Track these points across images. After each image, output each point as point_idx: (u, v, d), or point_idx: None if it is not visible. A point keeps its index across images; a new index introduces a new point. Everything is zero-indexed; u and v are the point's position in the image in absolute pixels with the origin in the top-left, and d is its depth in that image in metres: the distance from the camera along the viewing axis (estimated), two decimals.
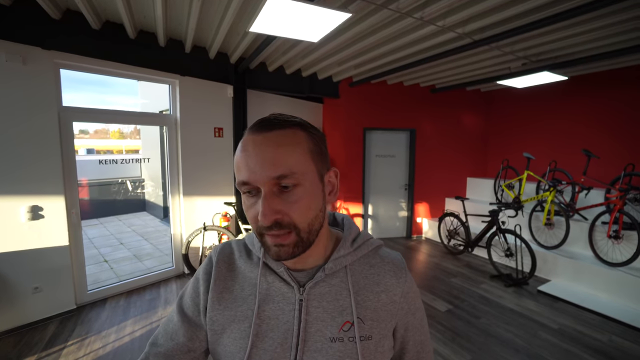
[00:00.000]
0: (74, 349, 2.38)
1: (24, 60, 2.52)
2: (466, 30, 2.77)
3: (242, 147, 0.50)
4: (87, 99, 18.66)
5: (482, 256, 4.44)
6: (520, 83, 3.80)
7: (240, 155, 0.49)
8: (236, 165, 0.50)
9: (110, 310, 2.95)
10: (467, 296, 3.29)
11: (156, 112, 5.91)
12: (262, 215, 0.46)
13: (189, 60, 3.49)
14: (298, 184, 0.48)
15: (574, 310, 2.99)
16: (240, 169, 0.49)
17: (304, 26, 2.19)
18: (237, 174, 0.50)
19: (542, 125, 4.91)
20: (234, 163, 0.51)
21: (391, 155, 5.33)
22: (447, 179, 5.53)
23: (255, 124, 0.51)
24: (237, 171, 0.50)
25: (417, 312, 0.62)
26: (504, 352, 2.37)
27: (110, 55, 2.97)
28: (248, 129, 0.51)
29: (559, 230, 3.74)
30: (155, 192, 7.58)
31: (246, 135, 0.51)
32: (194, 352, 0.58)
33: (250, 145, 0.49)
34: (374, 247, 0.63)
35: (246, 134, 0.51)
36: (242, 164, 0.48)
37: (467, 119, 5.61)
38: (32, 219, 2.64)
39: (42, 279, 2.70)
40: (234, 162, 0.51)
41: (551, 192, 3.78)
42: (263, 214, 0.46)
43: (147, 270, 4.06)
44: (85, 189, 7.76)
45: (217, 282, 0.59)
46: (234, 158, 0.52)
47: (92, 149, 12.67)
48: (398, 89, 5.08)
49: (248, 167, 0.48)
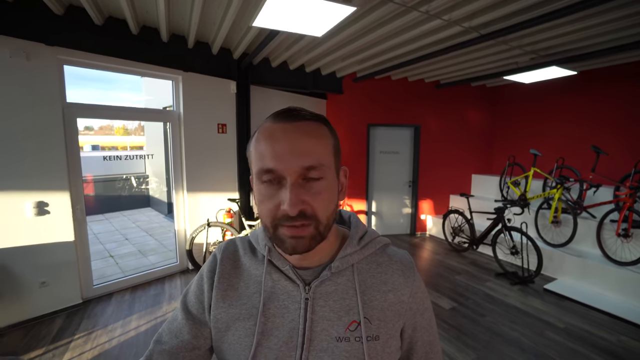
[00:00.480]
0: (81, 342, 2.41)
1: (28, 56, 2.53)
2: (473, 24, 2.72)
3: (267, 134, 0.48)
4: (92, 95, 18.78)
5: (487, 254, 4.41)
6: (527, 78, 3.74)
7: (266, 142, 0.48)
8: (257, 153, 0.49)
9: (116, 304, 2.97)
10: (472, 294, 3.26)
11: (160, 108, 5.93)
12: (290, 205, 0.45)
13: (191, 55, 3.48)
14: (323, 176, 0.48)
15: (582, 310, 2.95)
16: (264, 156, 0.47)
17: (308, 20, 2.16)
18: (259, 161, 0.48)
19: (550, 121, 4.83)
20: (253, 151, 0.50)
21: (395, 152, 5.29)
22: (451, 175, 5.48)
23: (281, 112, 0.50)
24: (258, 159, 0.48)
25: (426, 312, 0.61)
26: (509, 351, 2.35)
27: (113, 51, 2.97)
28: (272, 117, 0.50)
29: (566, 228, 3.69)
30: (159, 188, 7.62)
31: (271, 123, 0.49)
32: (199, 350, 0.58)
33: (279, 133, 0.47)
34: (381, 246, 0.61)
35: (270, 121, 0.50)
36: (268, 151, 0.47)
37: (472, 114, 5.53)
38: (37, 215, 2.65)
39: (48, 274, 2.73)
40: (253, 150, 0.50)
41: (558, 189, 3.72)
42: (291, 202, 0.45)
43: (151, 265, 4.08)
44: (90, 184, 7.83)
45: (221, 280, 0.58)
46: (251, 146, 0.51)
47: (97, 146, 12.77)
48: (402, 85, 5.02)
49: (275, 155, 0.46)
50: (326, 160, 0.49)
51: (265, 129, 0.49)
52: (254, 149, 0.50)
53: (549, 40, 3.18)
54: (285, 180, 0.47)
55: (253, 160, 0.50)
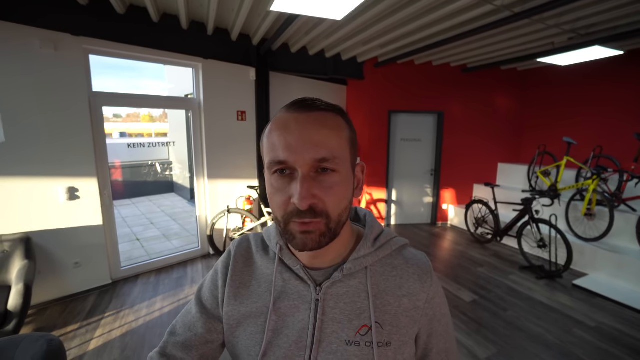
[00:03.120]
0: (111, 320, 2.56)
1: (56, 46, 2.60)
2: (505, 3, 2.52)
3: (280, 125, 0.47)
4: (119, 84, 19.40)
5: (511, 246, 4.24)
6: (565, 60, 3.44)
7: (278, 133, 0.46)
8: (269, 144, 0.47)
9: (142, 286, 3.13)
10: (494, 287, 3.16)
11: (182, 96, 6.02)
12: (300, 198, 0.43)
13: (211, 42, 3.47)
14: (336, 170, 0.46)
15: (614, 308, 2.79)
16: (276, 147, 0.46)
17: (327, 3, 2.07)
18: (271, 152, 0.47)
19: (586, 107, 4.48)
20: (265, 142, 0.48)
21: (417, 139, 5.12)
22: (476, 164, 5.26)
23: (295, 102, 0.49)
24: (270, 150, 0.47)
25: (443, 319, 0.57)
26: (533, 348, 2.26)
27: (135, 39, 3.01)
28: (286, 108, 0.49)
29: (601, 222, 3.46)
30: (182, 174, 7.85)
31: (284, 114, 0.48)
32: (212, 344, 0.58)
33: (292, 123, 0.46)
34: (398, 247, 0.58)
35: (284, 112, 0.49)
36: (280, 142, 0.45)
37: (500, 100, 5.24)
38: (69, 200, 2.80)
39: (80, 255, 2.90)
40: (265, 140, 0.49)
41: (594, 180, 3.48)
42: (301, 196, 0.43)
43: (175, 249, 4.25)
44: (119, 170, 8.20)
45: (234, 278, 0.58)
46: (264, 137, 0.49)
47: (125, 133, 13.27)
48: (426, 70, 4.80)
49: (287, 146, 0.45)
50: (340, 153, 0.47)
51: (279, 119, 0.48)
52: (267, 139, 0.48)
53: (593, 17, 2.90)
54: (296, 172, 0.45)
55: (265, 152, 0.49)
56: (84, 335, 2.36)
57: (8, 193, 2.53)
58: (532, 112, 5.27)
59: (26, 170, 2.58)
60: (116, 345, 2.26)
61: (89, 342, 2.29)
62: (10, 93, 2.46)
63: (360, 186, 0.54)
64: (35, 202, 2.65)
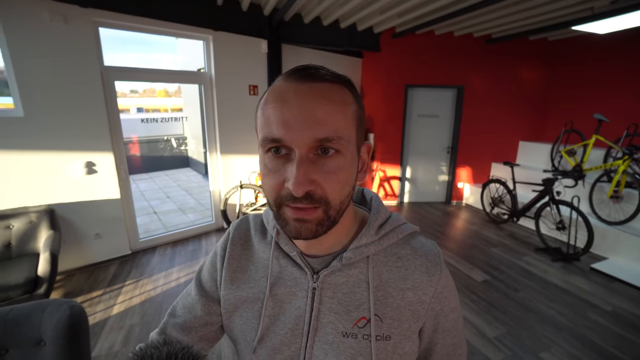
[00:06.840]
0: (131, 288, 2.70)
1: (65, 19, 2.57)
2: None
3: (276, 96, 0.40)
4: (132, 58, 19.36)
5: (527, 227, 4.13)
6: (605, 28, 3.12)
7: (274, 105, 0.40)
8: (263, 118, 0.41)
9: (159, 257, 3.26)
10: (507, 268, 3.12)
11: (194, 70, 5.95)
12: (296, 184, 0.38)
13: (221, 13, 3.34)
14: (340, 151, 0.41)
15: (634, 293, 2.70)
16: (271, 122, 0.40)
17: None
18: (265, 128, 0.40)
19: (624, 82, 4.13)
20: (259, 114, 0.42)
21: (434, 115, 4.92)
22: (495, 142, 5.04)
23: (295, 70, 0.42)
24: (264, 125, 0.41)
25: (451, 314, 0.53)
26: (542, 329, 2.24)
27: (144, 11, 2.93)
28: (285, 75, 0.42)
29: (628, 205, 3.29)
30: (197, 149, 7.94)
31: (282, 82, 0.41)
32: (211, 326, 0.58)
33: (291, 95, 0.39)
34: (405, 235, 0.53)
35: (282, 80, 0.42)
36: (275, 116, 0.39)
37: (525, 73, 4.90)
38: (88, 174, 2.88)
39: (101, 227, 3.02)
40: (259, 113, 0.42)
41: (625, 160, 3.27)
42: (297, 181, 0.38)
43: (190, 223, 4.38)
44: (136, 145, 8.37)
45: (230, 261, 0.56)
46: (258, 108, 0.43)
47: (142, 108, 13.41)
48: (447, 41, 4.51)
49: (284, 122, 0.39)
50: (345, 132, 0.41)
51: (276, 89, 0.41)
52: (261, 112, 0.42)
53: None
54: (293, 153, 0.39)
55: (259, 126, 0.42)
56: (107, 301, 2.51)
57: (30, 166, 2.62)
58: (560, 87, 4.92)
59: (45, 145, 2.65)
60: (136, 311, 2.40)
61: (112, 307, 2.44)
62: (25, 68, 2.47)
63: (365, 168, 0.49)
64: (56, 176, 2.74)
